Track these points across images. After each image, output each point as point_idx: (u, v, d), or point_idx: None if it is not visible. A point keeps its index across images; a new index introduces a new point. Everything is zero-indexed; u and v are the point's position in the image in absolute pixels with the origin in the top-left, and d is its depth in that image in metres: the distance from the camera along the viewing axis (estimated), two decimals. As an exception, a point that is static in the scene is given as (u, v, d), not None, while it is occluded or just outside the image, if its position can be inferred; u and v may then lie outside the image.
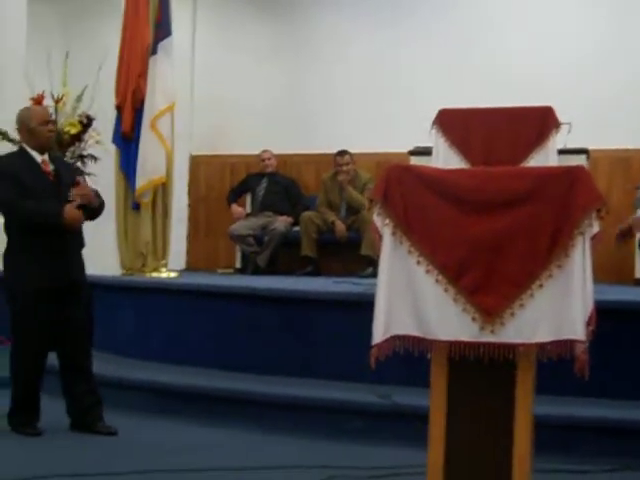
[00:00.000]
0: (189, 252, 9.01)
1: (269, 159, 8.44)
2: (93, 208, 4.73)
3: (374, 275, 7.05)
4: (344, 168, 7.92)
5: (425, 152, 5.73)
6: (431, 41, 8.25)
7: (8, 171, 4.63)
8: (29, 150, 4.73)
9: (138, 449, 4.49)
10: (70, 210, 4.55)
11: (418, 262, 2.87)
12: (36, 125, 4.71)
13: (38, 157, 4.71)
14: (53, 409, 4.82)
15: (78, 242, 4.84)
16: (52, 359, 4.82)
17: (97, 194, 4.79)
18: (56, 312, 4.66)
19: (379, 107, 8.37)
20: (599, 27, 7.71)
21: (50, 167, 4.72)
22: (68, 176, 4.77)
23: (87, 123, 7.30)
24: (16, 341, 4.74)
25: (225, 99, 8.95)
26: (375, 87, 8.40)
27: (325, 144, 8.21)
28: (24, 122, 4.76)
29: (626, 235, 3.91)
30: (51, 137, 4.85)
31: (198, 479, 4.00)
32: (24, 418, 4.72)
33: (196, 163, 9.10)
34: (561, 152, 5.47)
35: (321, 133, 8.49)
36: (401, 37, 8.37)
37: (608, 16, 7.72)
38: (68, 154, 7.28)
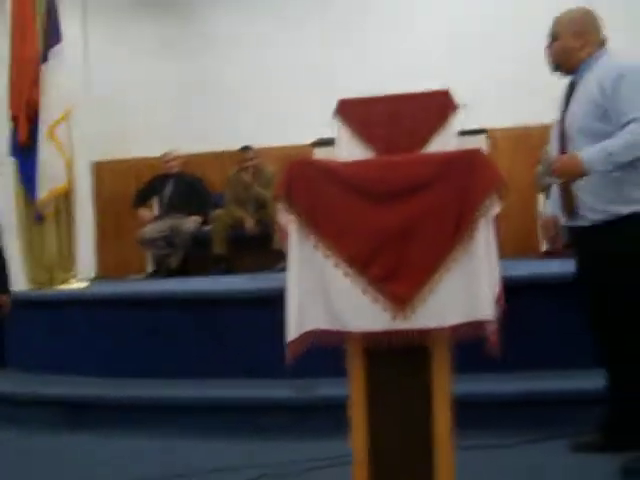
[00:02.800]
0: (99, 260, 8.85)
1: (173, 160, 8.34)
2: None
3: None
4: (248, 163, 7.90)
5: (328, 143, 5.75)
6: (332, 29, 8.27)
7: None
8: None
9: (57, 464, 4.40)
10: None
11: (326, 256, 2.87)
12: None
13: None
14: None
15: None
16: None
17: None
18: None
19: (281, 100, 8.40)
20: (495, 5, 7.86)
21: None
22: None
23: (-19, 137, 7.09)
24: None
25: (123, 102, 8.83)
26: (276, 80, 8.42)
27: (229, 141, 8.20)
28: None
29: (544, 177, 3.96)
30: None
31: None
32: None
33: (99, 169, 8.95)
34: (461, 133, 5.55)
35: (224, 130, 8.46)
36: (300, 24, 8.38)
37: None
38: (-38, 170, 7.06)
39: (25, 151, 6.53)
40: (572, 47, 3.77)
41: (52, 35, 6.58)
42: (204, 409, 4.81)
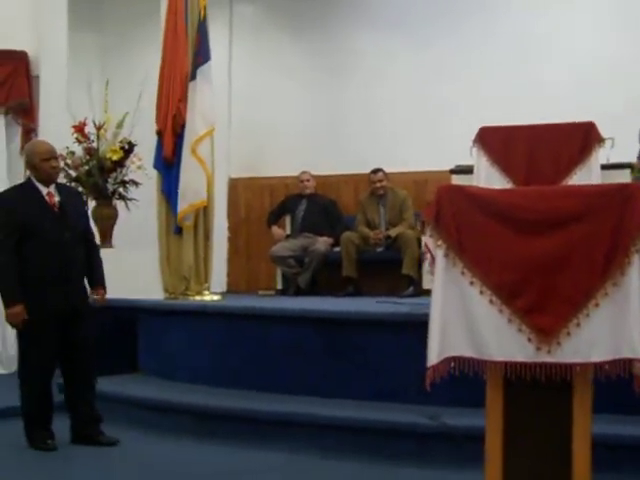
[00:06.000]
0: (229, 274, 9.05)
1: (308, 180, 8.46)
2: None
3: (415, 295, 7.08)
4: (377, 185, 7.96)
5: (466, 170, 5.70)
6: (471, 60, 8.24)
7: (6, 206, 4.82)
8: (35, 182, 4.90)
9: (186, 473, 4.49)
10: (16, 313, 4.71)
11: (472, 283, 2.86)
12: (39, 161, 4.89)
13: (44, 189, 4.89)
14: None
15: (80, 271, 4.99)
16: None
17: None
18: (59, 336, 4.85)
19: (417, 126, 8.39)
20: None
21: (55, 199, 4.91)
22: (73, 205, 4.99)
23: (128, 149, 7.38)
24: (24, 366, 4.91)
25: (263, 121, 9.01)
26: (414, 106, 8.40)
27: (363, 164, 8.22)
28: (28, 157, 4.95)
29: None
30: (54, 172, 4.99)
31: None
32: (39, 435, 4.88)
33: (235, 186, 9.16)
34: (604, 167, 5.42)
35: (359, 153, 8.50)
36: (439, 55, 8.38)
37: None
38: (110, 180, 7.36)
39: (169, 165, 6.75)
40: None
41: (201, 54, 6.78)
42: (331, 428, 4.82)
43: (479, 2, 8.33)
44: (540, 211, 2.86)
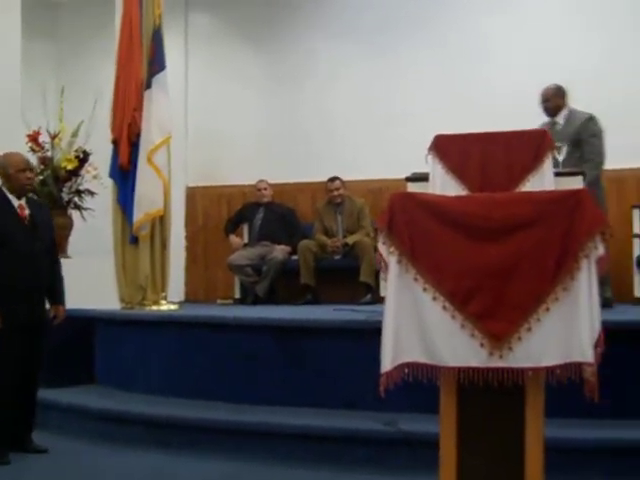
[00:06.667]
0: (187, 283, 9.01)
1: (265, 189, 8.47)
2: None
3: (373, 302, 7.11)
4: (335, 193, 8.00)
5: (422, 178, 5.73)
6: (425, 67, 8.32)
7: None
8: (7, 193, 4.90)
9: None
10: None
11: (424, 289, 2.88)
12: (14, 172, 4.88)
13: (16, 201, 4.89)
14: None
15: (46, 282, 5.01)
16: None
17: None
18: (24, 345, 4.84)
19: (373, 134, 8.44)
20: (594, 50, 7.77)
21: (26, 212, 4.92)
22: (41, 219, 5.01)
23: (83, 158, 7.34)
24: None
25: (219, 130, 9.01)
26: (369, 114, 8.46)
27: (320, 172, 8.26)
28: (2, 168, 4.93)
29: None
30: (29, 183, 4.99)
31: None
32: None
33: (192, 194, 9.13)
34: (558, 174, 5.48)
35: (316, 161, 8.54)
36: (395, 64, 8.45)
37: (602, 40, 7.78)
38: (65, 189, 7.30)
39: (124, 174, 6.71)
40: None
41: (156, 63, 6.74)
42: (288, 437, 4.81)
43: (434, 9, 8.41)
44: (493, 218, 2.89)
